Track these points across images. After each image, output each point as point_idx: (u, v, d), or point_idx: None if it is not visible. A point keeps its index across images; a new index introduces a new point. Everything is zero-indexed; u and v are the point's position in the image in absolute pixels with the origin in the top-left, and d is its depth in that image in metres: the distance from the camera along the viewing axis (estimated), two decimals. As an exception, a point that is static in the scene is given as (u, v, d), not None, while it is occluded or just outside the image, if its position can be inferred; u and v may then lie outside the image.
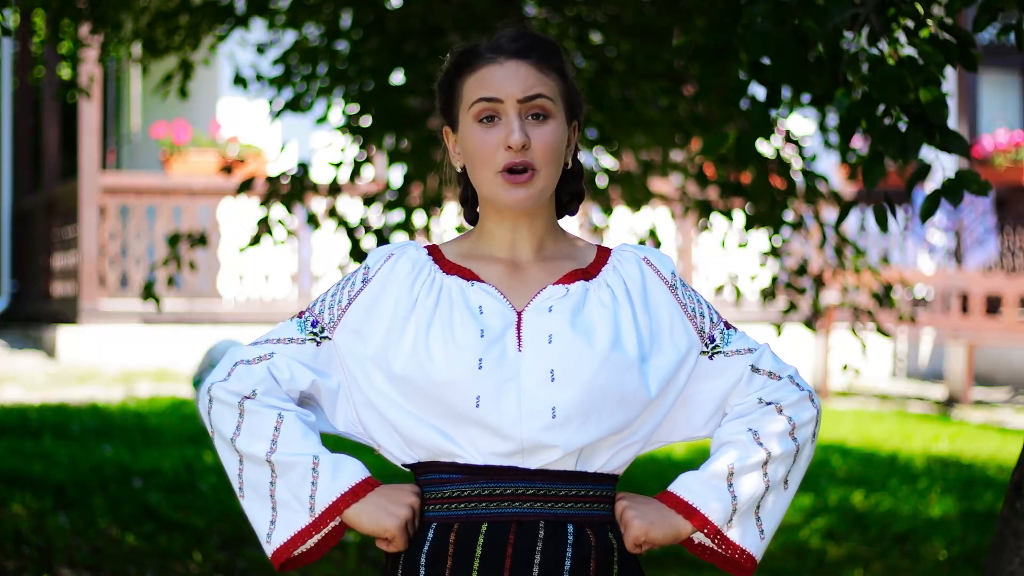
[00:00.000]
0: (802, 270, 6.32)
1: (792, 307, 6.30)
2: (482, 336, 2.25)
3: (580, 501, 2.27)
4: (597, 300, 2.30)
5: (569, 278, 2.32)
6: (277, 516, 2.30)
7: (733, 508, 2.31)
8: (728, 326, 2.39)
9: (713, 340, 2.36)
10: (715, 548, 2.34)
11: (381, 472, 2.50)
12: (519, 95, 2.28)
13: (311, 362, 2.33)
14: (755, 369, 2.36)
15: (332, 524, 2.28)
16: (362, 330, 2.31)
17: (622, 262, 2.36)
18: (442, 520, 2.26)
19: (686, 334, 2.34)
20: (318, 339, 2.33)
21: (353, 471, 2.28)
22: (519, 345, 2.26)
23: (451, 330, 2.26)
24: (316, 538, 2.30)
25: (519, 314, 2.29)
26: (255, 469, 2.30)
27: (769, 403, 2.35)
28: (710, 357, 2.35)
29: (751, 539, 2.35)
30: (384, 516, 2.26)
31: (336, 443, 2.39)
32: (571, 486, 2.27)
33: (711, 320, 2.37)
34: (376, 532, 2.27)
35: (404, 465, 2.33)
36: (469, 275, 2.32)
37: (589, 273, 2.34)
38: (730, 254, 6.34)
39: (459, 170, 2.38)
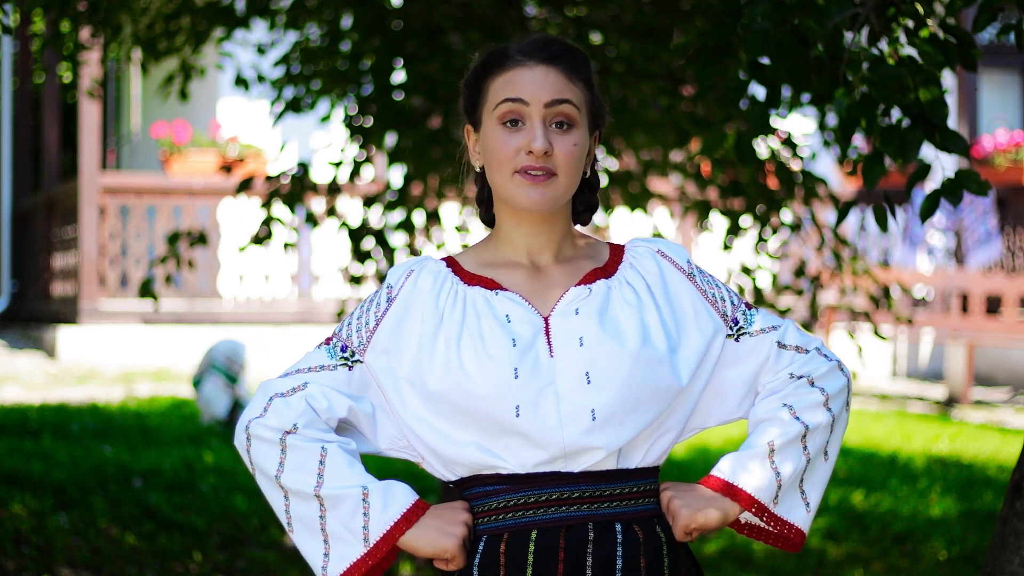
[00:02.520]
0: (800, 272, 6.33)
1: (787, 310, 6.30)
2: (514, 345, 2.25)
3: (625, 499, 2.28)
4: (621, 299, 2.31)
5: (590, 278, 2.33)
6: (330, 549, 2.30)
7: (778, 484, 2.33)
8: (749, 306, 2.40)
9: (737, 322, 2.37)
10: (764, 526, 2.35)
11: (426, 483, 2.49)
12: (546, 99, 2.28)
13: (346, 388, 2.32)
14: (782, 345, 2.37)
15: (387, 551, 2.28)
16: (392, 349, 2.31)
17: (638, 258, 2.37)
18: (491, 532, 2.27)
19: (711, 319, 2.35)
20: (350, 363, 2.33)
21: (404, 497, 2.28)
22: (550, 351, 2.26)
23: (482, 342, 2.26)
24: (371, 565, 2.29)
25: (546, 319, 2.29)
26: (303, 504, 2.29)
27: (800, 376, 2.36)
28: (736, 339, 2.36)
29: (798, 513, 2.36)
30: (441, 537, 2.26)
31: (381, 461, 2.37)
32: (615, 485, 2.28)
33: (732, 303, 2.38)
34: (435, 554, 2.27)
35: (449, 482, 2.34)
36: (492, 284, 2.32)
37: (608, 271, 2.34)
38: (730, 254, 6.34)
39: (478, 170, 2.37)
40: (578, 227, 2.45)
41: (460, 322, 2.28)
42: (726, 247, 6.26)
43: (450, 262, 2.37)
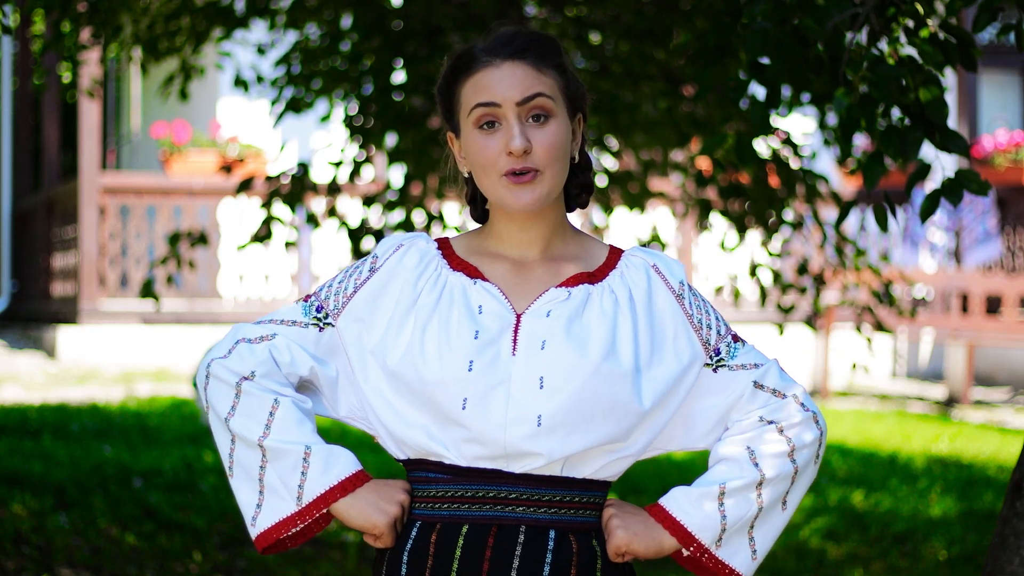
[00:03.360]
0: (803, 269, 6.33)
1: (791, 308, 6.30)
2: (476, 338, 2.23)
3: (565, 507, 2.25)
4: (598, 306, 2.27)
5: (573, 281, 2.29)
6: (264, 500, 2.29)
7: (722, 527, 2.28)
8: (736, 339, 2.33)
9: (718, 353, 2.31)
10: (702, 564, 2.30)
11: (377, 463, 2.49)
12: (517, 98, 2.24)
13: (312, 348, 2.31)
14: (759, 385, 2.30)
15: (317, 514, 2.28)
16: (365, 319, 2.29)
17: (630, 268, 2.32)
18: (426, 519, 2.26)
19: (689, 345, 2.29)
20: (321, 325, 2.31)
21: (345, 464, 2.27)
22: (514, 349, 2.23)
23: (446, 329, 2.24)
24: (300, 526, 2.29)
25: (519, 317, 2.26)
26: (246, 451, 2.29)
27: (771, 422, 2.30)
28: (714, 370, 2.30)
29: (741, 558, 2.31)
30: (373, 512, 2.26)
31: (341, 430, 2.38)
32: (556, 491, 2.25)
33: (718, 332, 2.32)
34: (364, 528, 2.27)
35: (398, 460, 2.33)
36: (474, 273, 2.30)
37: (595, 277, 2.30)
38: (731, 254, 6.34)
39: (466, 175, 2.34)
40: (575, 218, 2.44)
41: (433, 306, 2.26)
42: (723, 246, 6.26)
43: (443, 244, 2.35)
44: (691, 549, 2.28)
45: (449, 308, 2.26)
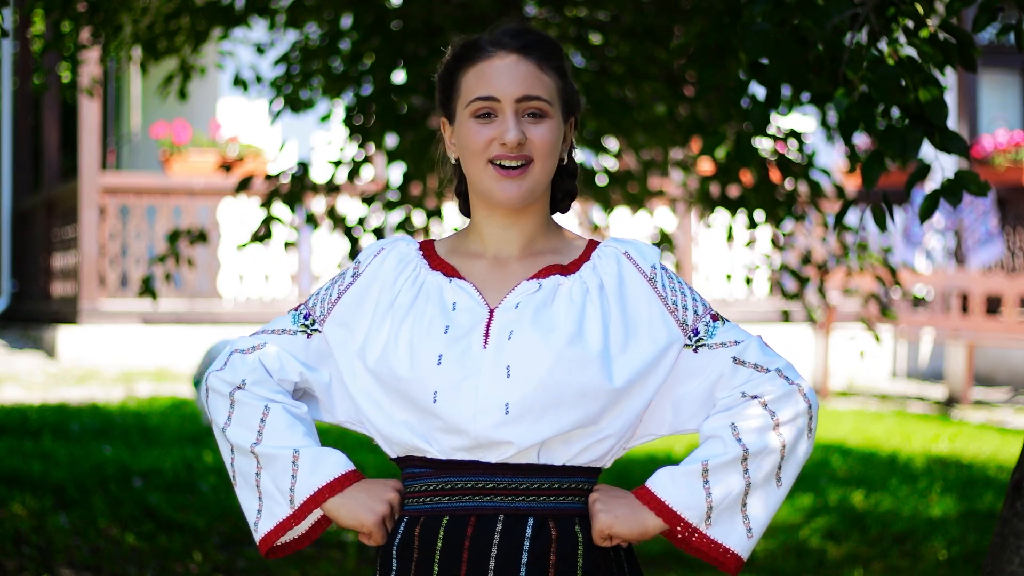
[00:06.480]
0: (806, 259, 6.35)
1: (797, 294, 6.31)
2: (446, 332, 2.26)
3: (544, 494, 2.27)
4: (567, 296, 2.29)
5: (545, 272, 2.32)
6: (263, 506, 2.36)
7: (708, 505, 2.27)
8: (716, 318, 2.34)
9: (697, 333, 2.32)
10: (694, 545, 2.30)
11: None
12: (517, 95, 2.28)
13: (301, 354, 2.37)
14: (738, 361, 2.31)
15: (313, 516, 2.33)
16: (350, 324, 2.34)
17: (602, 258, 2.35)
18: (412, 514, 2.30)
19: (665, 327, 2.30)
20: (309, 331, 2.37)
21: (334, 465, 2.32)
22: (485, 342, 2.26)
23: (420, 327, 2.28)
24: (300, 528, 2.35)
25: (492, 311, 2.29)
26: (243, 459, 2.36)
27: (754, 396, 2.29)
28: (694, 350, 2.32)
29: (735, 537, 2.29)
30: (362, 511, 2.30)
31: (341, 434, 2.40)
32: (534, 479, 2.26)
33: (695, 312, 2.33)
34: (353, 527, 2.31)
35: (391, 458, 2.37)
36: (451, 271, 2.33)
37: (568, 269, 2.33)
38: (731, 252, 6.35)
39: (453, 162, 2.38)
40: (571, 219, 2.46)
41: (409, 305, 2.31)
42: (730, 236, 6.26)
43: (425, 246, 2.39)
44: (678, 528, 2.28)
45: (424, 306, 2.30)
